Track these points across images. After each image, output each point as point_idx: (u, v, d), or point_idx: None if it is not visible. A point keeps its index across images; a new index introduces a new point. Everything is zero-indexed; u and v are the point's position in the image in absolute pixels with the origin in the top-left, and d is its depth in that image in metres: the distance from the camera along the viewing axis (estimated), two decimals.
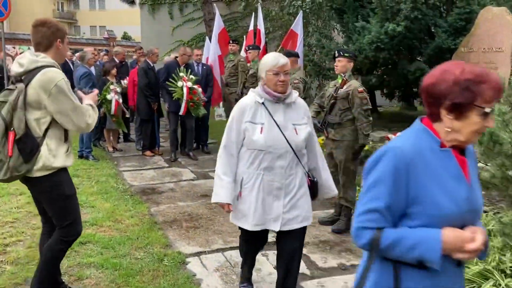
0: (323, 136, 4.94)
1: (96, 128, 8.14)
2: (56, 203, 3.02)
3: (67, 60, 11.79)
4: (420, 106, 12.40)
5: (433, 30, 8.60)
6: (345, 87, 4.57)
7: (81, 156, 7.86)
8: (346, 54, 4.59)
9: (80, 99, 3.13)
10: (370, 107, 4.58)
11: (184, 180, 6.73)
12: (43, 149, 2.89)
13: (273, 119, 2.98)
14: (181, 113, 7.57)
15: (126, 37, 37.23)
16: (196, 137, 8.47)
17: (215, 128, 9.39)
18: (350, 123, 4.63)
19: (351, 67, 4.62)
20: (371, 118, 4.58)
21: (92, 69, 8.44)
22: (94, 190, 6.06)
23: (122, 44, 31.17)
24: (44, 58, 2.93)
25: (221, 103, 12.11)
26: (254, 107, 3.02)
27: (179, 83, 7.40)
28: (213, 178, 6.77)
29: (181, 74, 7.45)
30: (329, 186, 3.27)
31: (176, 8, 17.21)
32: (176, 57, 8.21)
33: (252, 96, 3.06)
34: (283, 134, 2.96)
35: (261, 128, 2.97)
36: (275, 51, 13.32)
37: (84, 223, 4.71)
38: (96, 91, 3.32)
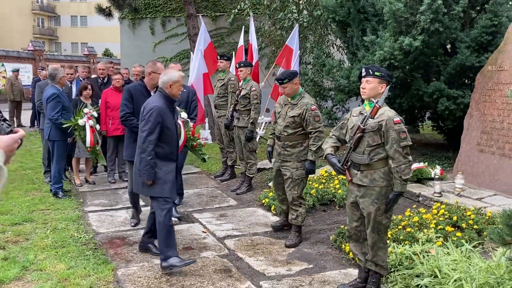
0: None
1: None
2: None
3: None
4: (424, 130, 11.40)
5: (448, 46, 7.62)
6: (376, 116, 3.44)
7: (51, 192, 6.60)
8: (377, 73, 3.47)
9: None
10: (410, 143, 3.45)
11: None
12: None
13: None
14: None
15: (107, 54, 36.09)
16: None
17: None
18: (382, 163, 3.49)
19: (384, 91, 3.49)
20: (410, 158, 3.45)
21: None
22: (47, 243, 4.77)
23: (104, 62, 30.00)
24: None
25: (206, 125, 11.01)
26: None
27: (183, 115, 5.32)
28: (199, 221, 5.63)
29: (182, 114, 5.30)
30: None
31: (158, 23, 16.15)
32: (142, 77, 5.50)
33: None
34: None
35: None
36: (265, 68, 12.30)
37: None
38: (19, 133, 1.89)
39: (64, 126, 6.35)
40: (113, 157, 7.57)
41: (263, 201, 6.14)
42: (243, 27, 9.84)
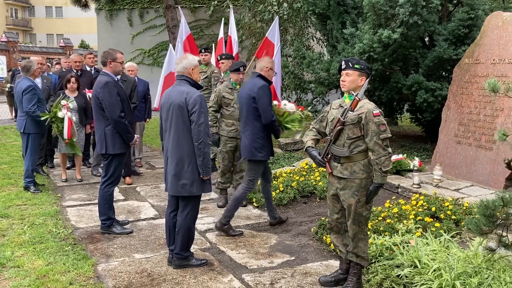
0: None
1: (39, 150, 6.79)
2: None
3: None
4: (403, 122, 11.55)
5: (426, 39, 7.71)
6: (355, 109, 3.46)
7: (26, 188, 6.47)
8: (357, 66, 3.48)
9: None
10: (390, 135, 3.48)
11: (143, 219, 5.45)
12: None
13: None
14: None
15: (83, 45, 35.47)
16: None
17: None
18: (362, 156, 3.52)
19: (364, 83, 3.51)
20: (390, 150, 3.48)
21: (38, 81, 7.08)
22: (24, 239, 4.69)
23: (79, 54, 29.48)
24: None
25: None
26: None
27: None
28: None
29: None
30: None
31: (136, 14, 15.90)
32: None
33: None
34: None
35: None
36: (246, 60, 12.25)
37: None
38: None
39: (42, 118, 6.25)
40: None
41: None
42: (222, 19, 9.77)
